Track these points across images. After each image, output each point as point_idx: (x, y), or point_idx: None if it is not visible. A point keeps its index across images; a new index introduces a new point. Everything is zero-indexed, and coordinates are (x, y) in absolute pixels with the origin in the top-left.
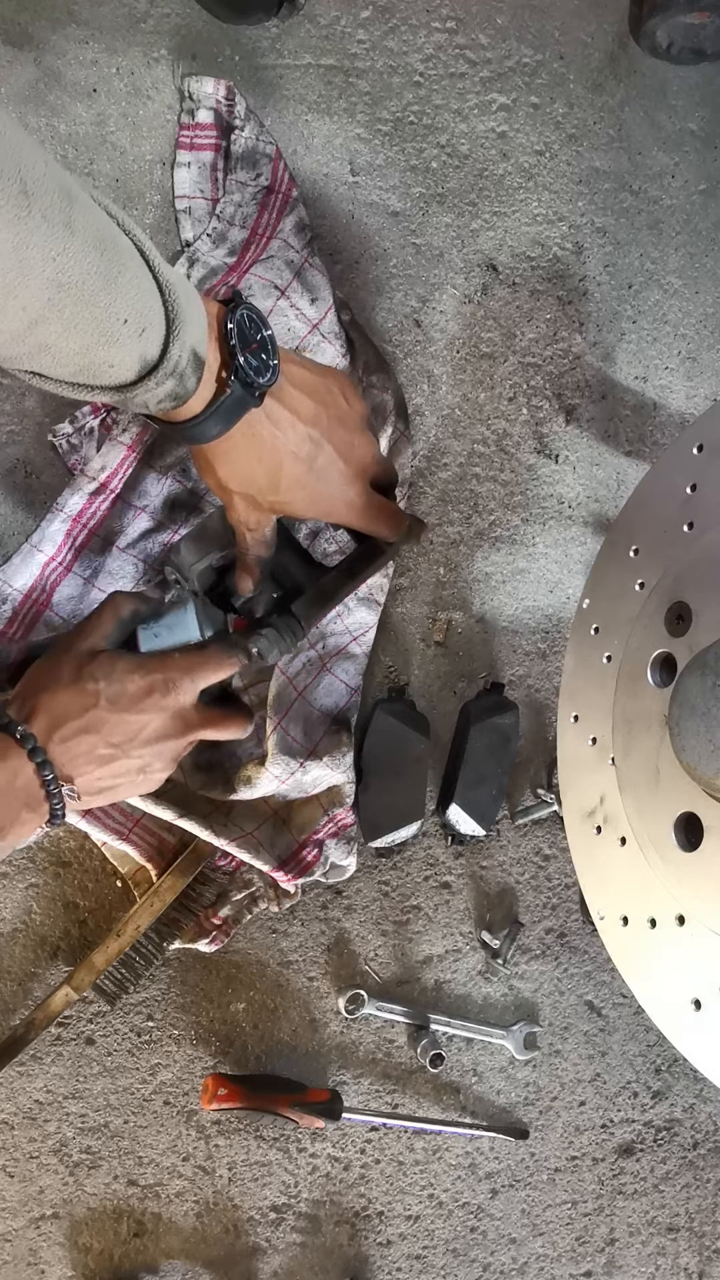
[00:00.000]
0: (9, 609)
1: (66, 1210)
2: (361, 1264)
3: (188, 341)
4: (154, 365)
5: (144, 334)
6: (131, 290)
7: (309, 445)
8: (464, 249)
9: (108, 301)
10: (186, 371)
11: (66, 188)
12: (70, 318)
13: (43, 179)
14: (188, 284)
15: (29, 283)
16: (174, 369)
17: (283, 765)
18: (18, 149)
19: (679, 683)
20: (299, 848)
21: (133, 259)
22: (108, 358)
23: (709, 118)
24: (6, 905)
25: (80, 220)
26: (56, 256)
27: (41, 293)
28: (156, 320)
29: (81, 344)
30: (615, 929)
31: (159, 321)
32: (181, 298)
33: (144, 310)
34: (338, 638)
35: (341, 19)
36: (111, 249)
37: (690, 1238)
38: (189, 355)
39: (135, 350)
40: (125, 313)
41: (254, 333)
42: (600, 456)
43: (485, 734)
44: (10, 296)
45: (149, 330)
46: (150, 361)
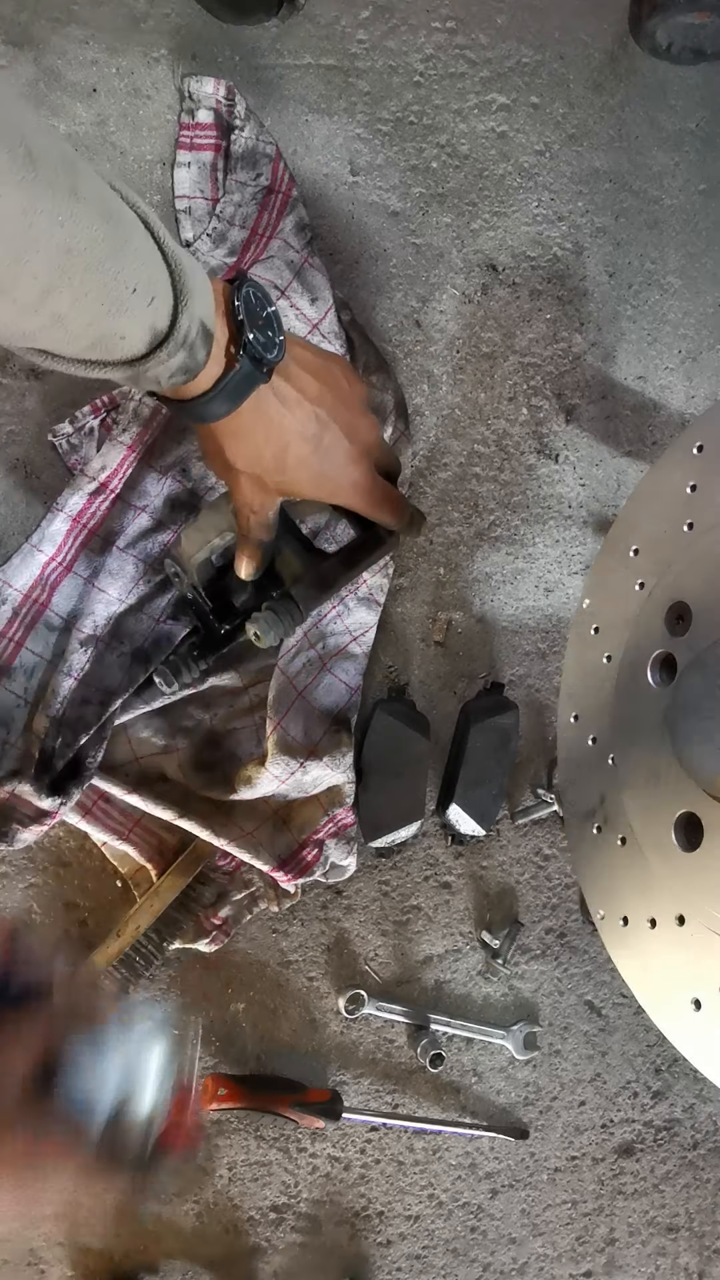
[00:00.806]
0: (9, 609)
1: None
2: (361, 1264)
3: (196, 313)
4: (164, 337)
5: (153, 303)
6: (138, 259)
7: (315, 424)
8: (464, 249)
9: (116, 269)
10: (196, 343)
11: (69, 157)
12: (80, 285)
13: (47, 146)
14: (192, 258)
15: (39, 248)
16: (184, 340)
17: (283, 765)
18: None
19: (679, 683)
20: (299, 848)
21: (137, 229)
22: (118, 328)
23: (709, 118)
24: (6, 905)
25: (84, 188)
26: (64, 222)
27: (51, 259)
28: (164, 290)
29: (93, 314)
30: (615, 929)
31: (166, 291)
32: (187, 269)
33: (152, 279)
34: (338, 638)
35: (341, 19)
36: (116, 218)
37: (690, 1238)
38: (198, 327)
39: (145, 320)
40: (134, 281)
41: (260, 309)
42: (600, 456)
43: (485, 734)
44: (21, 263)
45: (157, 300)
46: (160, 332)
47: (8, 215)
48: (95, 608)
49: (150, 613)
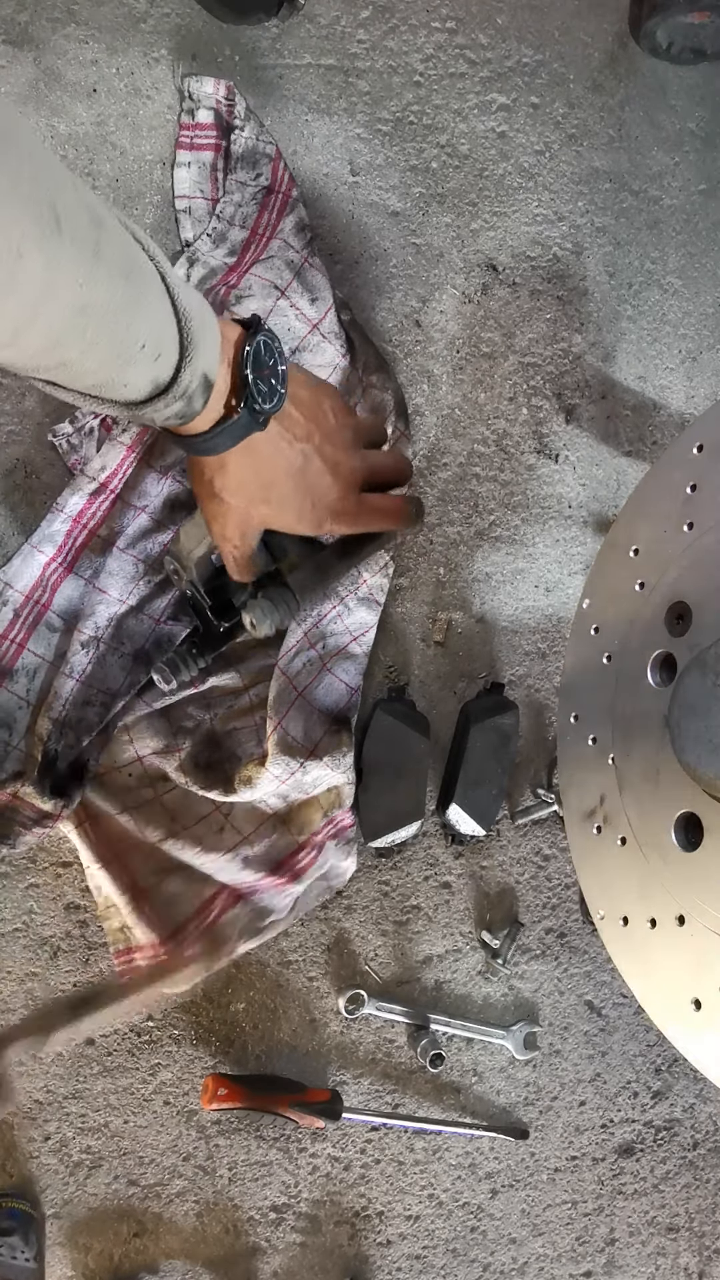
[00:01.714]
0: (10, 611)
1: (66, 1210)
2: (361, 1264)
3: (199, 367)
4: (165, 387)
5: (159, 358)
6: (150, 315)
7: (301, 460)
8: (464, 249)
9: (127, 325)
10: (195, 394)
11: (95, 213)
12: (91, 339)
13: (74, 206)
14: (205, 309)
15: (55, 306)
16: (183, 392)
17: (283, 765)
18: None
19: (679, 683)
20: (296, 850)
21: (154, 284)
22: (123, 377)
23: (709, 118)
24: (6, 905)
25: (107, 246)
26: (83, 283)
27: (66, 316)
28: (170, 346)
29: (99, 363)
30: (615, 929)
31: (173, 347)
32: (196, 324)
33: (160, 335)
34: (338, 638)
35: (341, 19)
36: (135, 275)
37: (690, 1238)
38: (199, 379)
39: (149, 373)
40: (143, 337)
41: (268, 359)
42: (600, 456)
43: (485, 734)
44: (36, 318)
45: (163, 355)
46: (162, 383)
47: (29, 276)
48: (96, 609)
49: (151, 613)
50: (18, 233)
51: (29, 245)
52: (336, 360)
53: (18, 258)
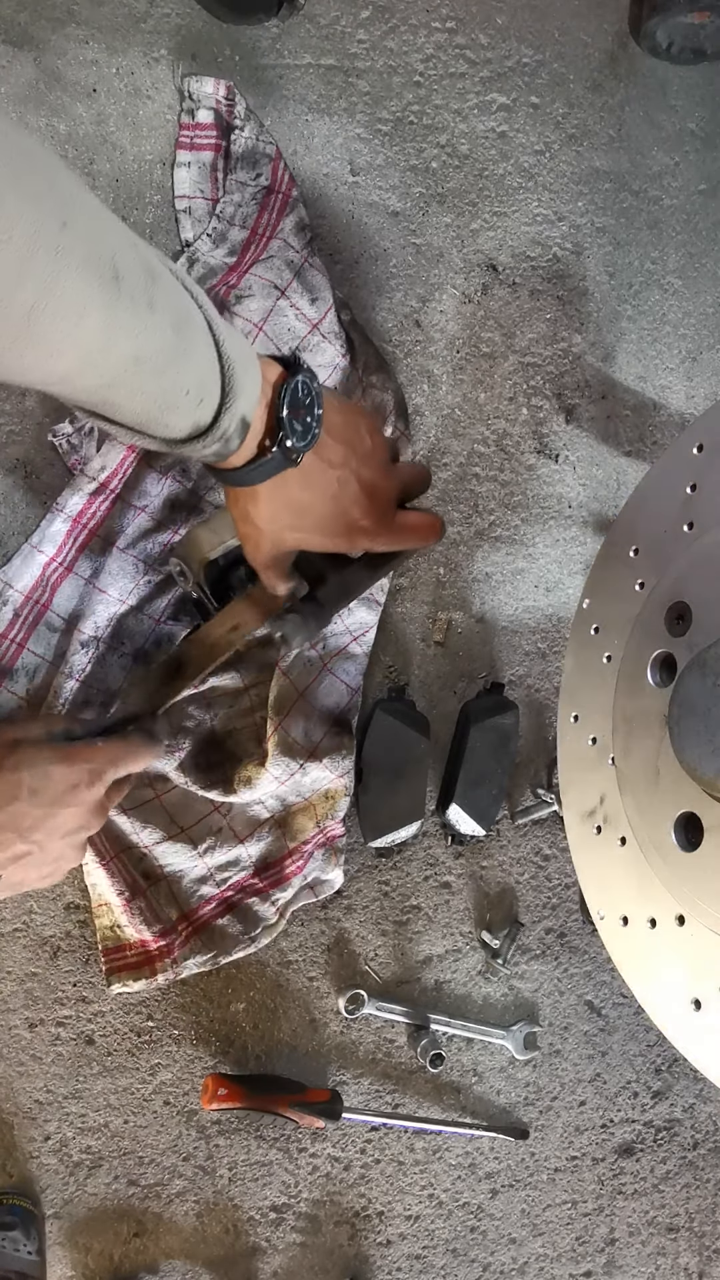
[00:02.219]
0: (10, 611)
1: (66, 1210)
2: (361, 1264)
3: (238, 411)
4: (205, 429)
5: (201, 404)
6: (197, 364)
7: (335, 487)
8: (464, 249)
9: (175, 374)
10: (232, 436)
11: (151, 268)
12: (140, 386)
13: (132, 263)
14: (249, 354)
15: (110, 357)
16: (221, 434)
17: (283, 766)
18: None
19: (679, 683)
20: (285, 855)
21: (201, 334)
22: (165, 419)
23: (709, 118)
24: (6, 905)
25: (160, 300)
26: (138, 335)
27: (120, 365)
28: (213, 392)
29: (144, 406)
30: (615, 929)
31: (215, 393)
32: (239, 371)
33: (204, 383)
34: (338, 638)
35: (341, 19)
36: (185, 325)
37: (690, 1238)
38: (237, 422)
39: (191, 417)
40: (188, 385)
41: (305, 399)
42: (600, 456)
43: (485, 734)
44: (91, 367)
45: (205, 400)
46: (202, 426)
47: (89, 330)
48: (96, 609)
49: (151, 613)
50: (84, 297)
51: (92, 306)
52: (336, 360)
53: (80, 318)
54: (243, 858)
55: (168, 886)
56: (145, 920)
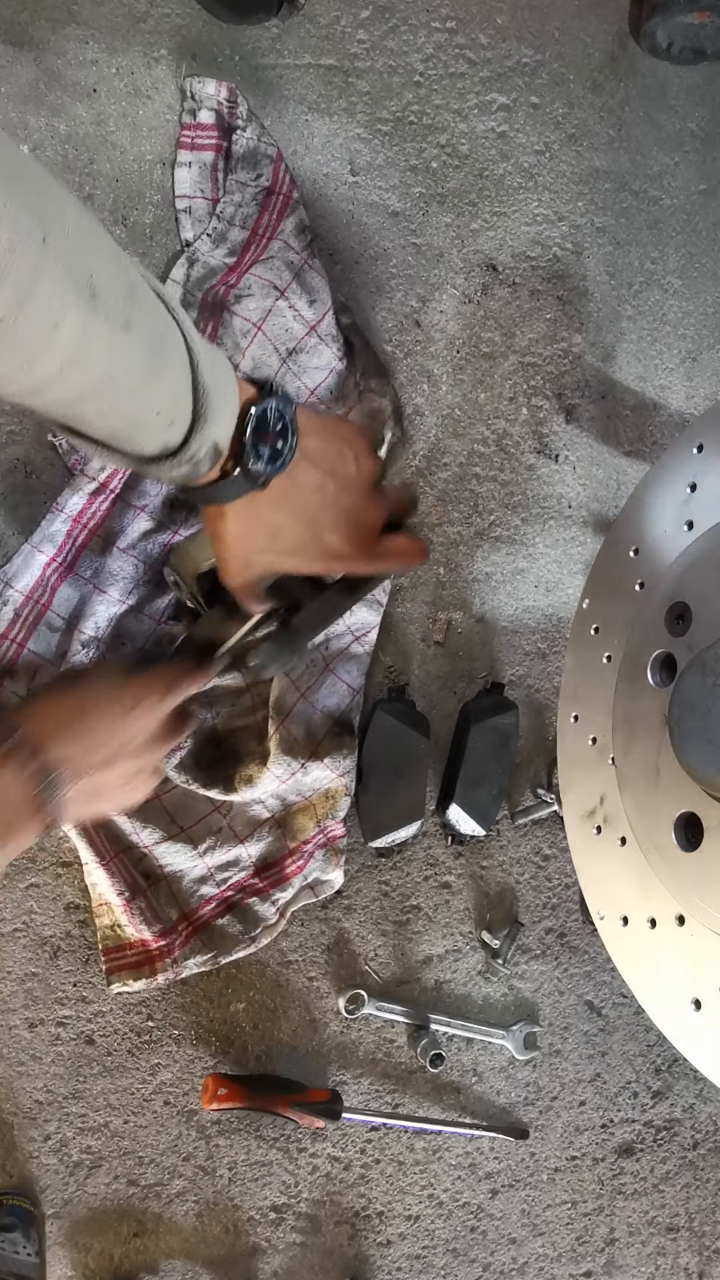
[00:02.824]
0: (10, 611)
1: (66, 1210)
2: (361, 1264)
3: (210, 437)
4: (174, 451)
5: (171, 425)
6: (170, 386)
7: (311, 512)
8: (464, 249)
9: (147, 395)
10: (202, 461)
11: (131, 286)
12: (111, 402)
13: (112, 279)
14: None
15: (83, 371)
16: (190, 458)
17: (284, 765)
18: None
19: (679, 683)
20: (285, 855)
21: (177, 357)
22: (135, 437)
23: (709, 118)
24: (6, 905)
25: (139, 319)
26: (112, 352)
27: (93, 380)
28: (184, 415)
29: (115, 424)
30: (615, 929)
31: (186, 417)
32: (215, 397)
33: (176, 405)
34: (340, 638)
35: (341, 19)
36: (161, 347)
37: (690, 1238)
38: (209, 448)
39: (160, 437)
40: (159, 406)
41: (275, 424)
42: (600, 456)
43: (485, 734)
44: (63, 380)
45: (176, 423)
46: (171, 447)
47: (63, 344)
48: (96, 609)
49: (151, 613)
50: (58, 304)
51: (67, 317)
52: (333, 363)
53: (55, 328)
54: (243, 858)
55: (168, 886)
56: (145, 920)
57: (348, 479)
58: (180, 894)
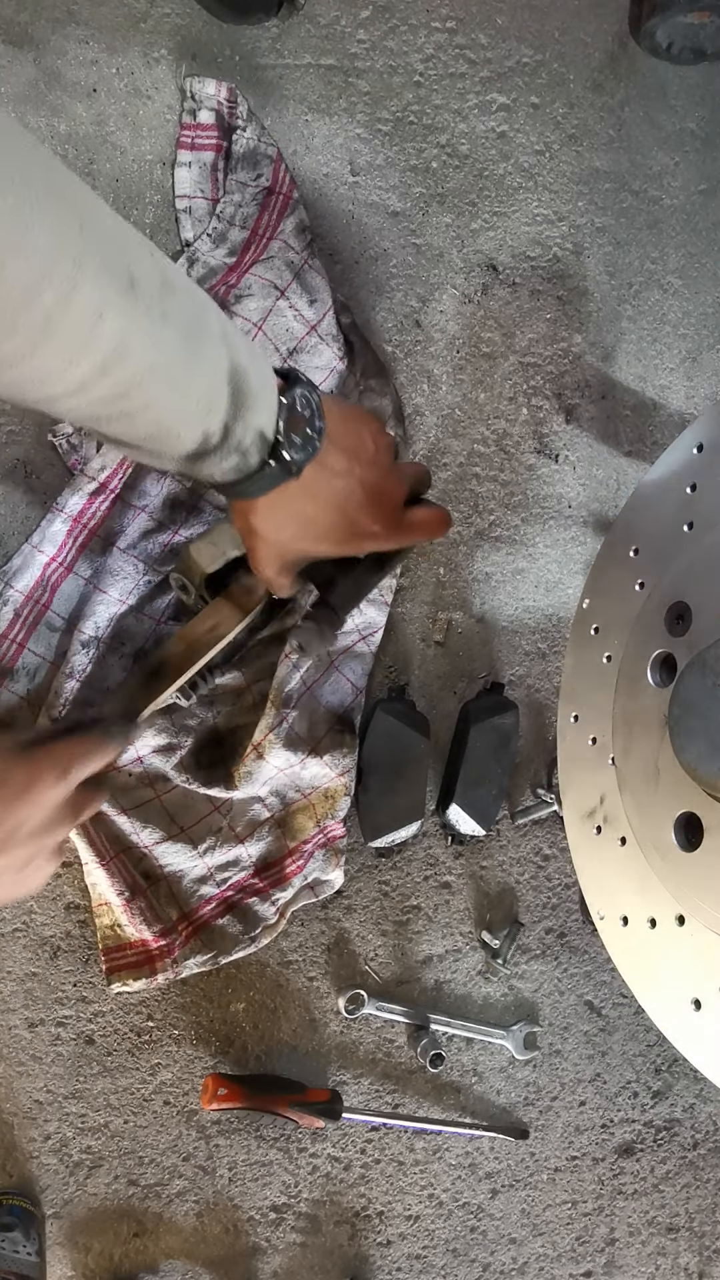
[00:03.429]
0: (10, 611)
1: (66, 1210)
2: (361, 1264)
3: (253, 424)
4: (218, 443)
5: (210, 413)
6: (207, 374)
7: (341, 496)
8: (464, 249)
9: (186, 384)
10: (250, 449)
11: (166, 277)
12: (153, 394)
13: (148, 271)
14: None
15: (125, 364)
16: (237, 446)
17: (283, 758)
18: (127, 245)
19: (679, 683)
20: (285, 855)
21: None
22: (176, 428)
23: (709, 118)
24: (6, 906)
25: (175, 309)
26: (153, 342)
27: (134, 373)
28: (220, 401)
29: (158, 414)
30: (615, 929)
31: (223, 403)
32: (254, 383)
33: (213, 392)
34: (346, 636)
35: (341, 19)
36: (196, 335)
37: (690, 1238)
38: (254, 435)
39: (200, 425)
40: (197, 393)
41: (304, 411)
42: (600, 456)
43: (485, 734)
44: (106, 374)
45: (214, 409)
46: (212, 436)
47: (106, 336)
48: (96, 609)
49: (151, 613)
50: (100, 298)
51: (109, 309)
52: (334, 363)
53: (99, 320)
54: (243, 858)
55: (168, 886)
56: (145, 920)
57: (370, 458)
58: (180, 894)
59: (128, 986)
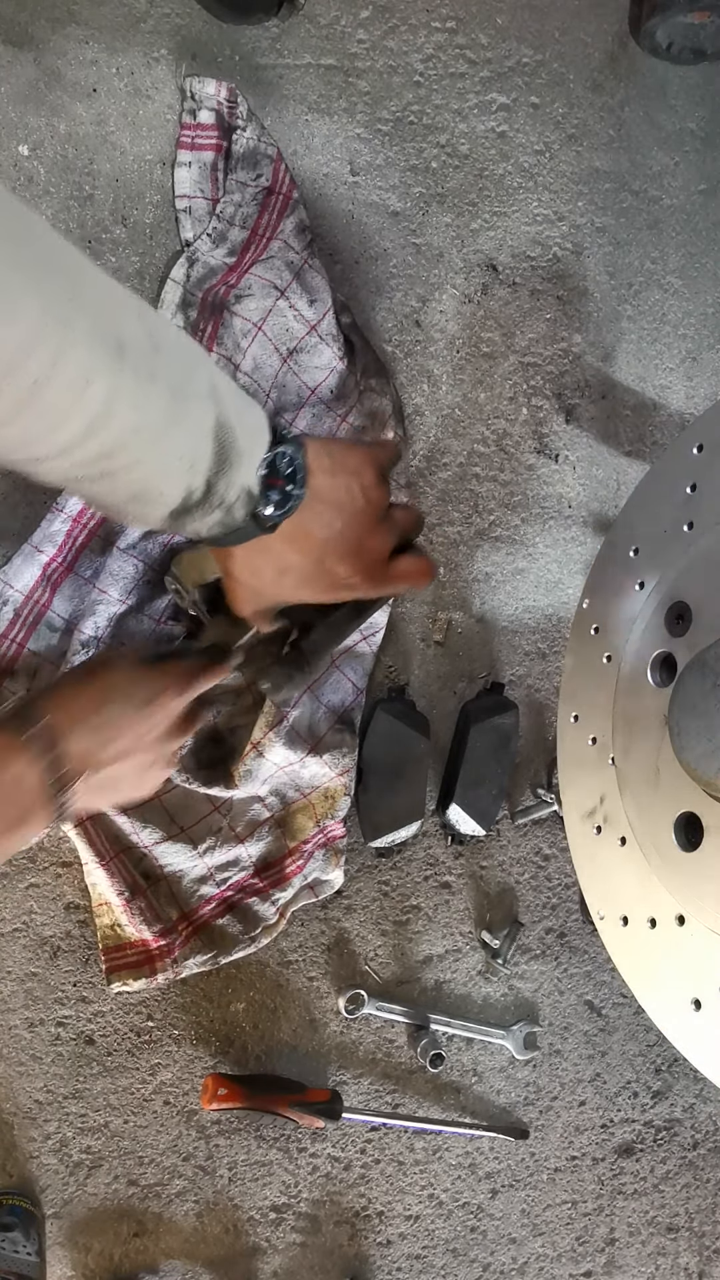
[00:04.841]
0: (10, 611)
1: (66, 1210)
2: (361, 1264)
3: (237, 480)
4: (200, 497)
5: (192, 468)
6: (190, 431)
7: (319, 548)
8: (464, 249)
9: (170, 441)
10: (235, 505)
11: (155, 336)
12: (137, 454)
13: (136, 334)
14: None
15: (111, 426)
16: (220, 502)
17: (283, 755)
18: (116, 307)
19: (679, 683)
20: (285, 855)
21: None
22: (159, 485)
23: (709, 118)
24: (6, 905)
25: (162, 368)
26: (139, 405)
27: (119, 434)
28: (204, 457)
29: (140, 476)
30: (615, 929)
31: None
32: (243, 440)
33: (197, 448)
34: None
35: (341, 19)
36: (182, 393)
37: (690, 1238)
38: (238, 491)
39: (183, 481)
40: (182, 450)
41: (285, 469)
42: (600, 456)
43: (485, 734)
44: (92, 436)
45: (196, 465)
46: (194, 492)
47: (93, 399)
48: (96, 609)
49: (150, 613)
50: (89, 364)
51: (97, 374)
52: (334, 363)
53: (86, 385)
54: (243, 858)
55: (168, 886)
56: (145, 920)
57: (356, 513)
58: (180, 894)
59: (128, 986)
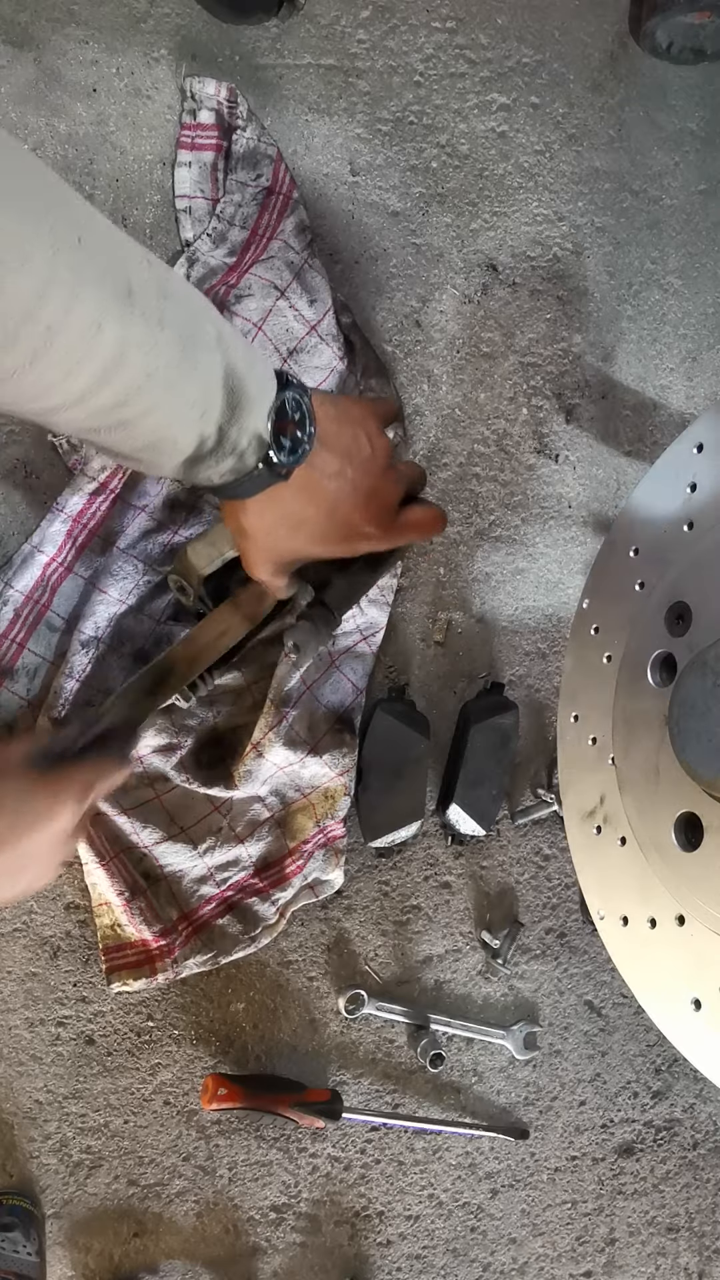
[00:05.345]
0: (10, 611)
1: (66, 1210)
2: (361, 1264)
3: (249, 426)
4: (213, 444)
5: (204, 416)
6: (202, 378)
7: (333, 498)
8: (464, 249)
9: (182, 387)
10: (248, 451)
11: (163, 284)
12: (151, 401)
13: (145, 280)
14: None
15: (124, 372)
16: (233, 449)
17: (283, 755)
18: (124, 254)
19: (679, 683)
20: (285, 855)
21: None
22: (173, 433)
23: (709, 118)
24: (6, 905)
25: (170, 314)
26: (150, 350)
27: (133, 380)
28: (215, 404)
29: (156, 422)
30: (615, 929)
31: (217, 404)
32: (251, 386)
33: (208, 394)
34: (348, 636)
35: (341, 19)
36: (193, 339)
37: (690, 1238)
38: (250, 437)
39: (196, 429)
40: (194, 396)
41: (294, 414)
42: (600, 456)
43: (485, 734)
44: (106, 384)
45: (208, 412)
46: (207, 440)
47: (105, 345)
48: (96, 609)
49: (151, 613)
50: (99, 309)
51: (108, 319)
52: (333, 363)
53: (98, 331)
54: (243, 858)
55: (168, 886)
56: (145, 920)
57: (364, 460)
58: (180, 894)
59: (128, 986)
